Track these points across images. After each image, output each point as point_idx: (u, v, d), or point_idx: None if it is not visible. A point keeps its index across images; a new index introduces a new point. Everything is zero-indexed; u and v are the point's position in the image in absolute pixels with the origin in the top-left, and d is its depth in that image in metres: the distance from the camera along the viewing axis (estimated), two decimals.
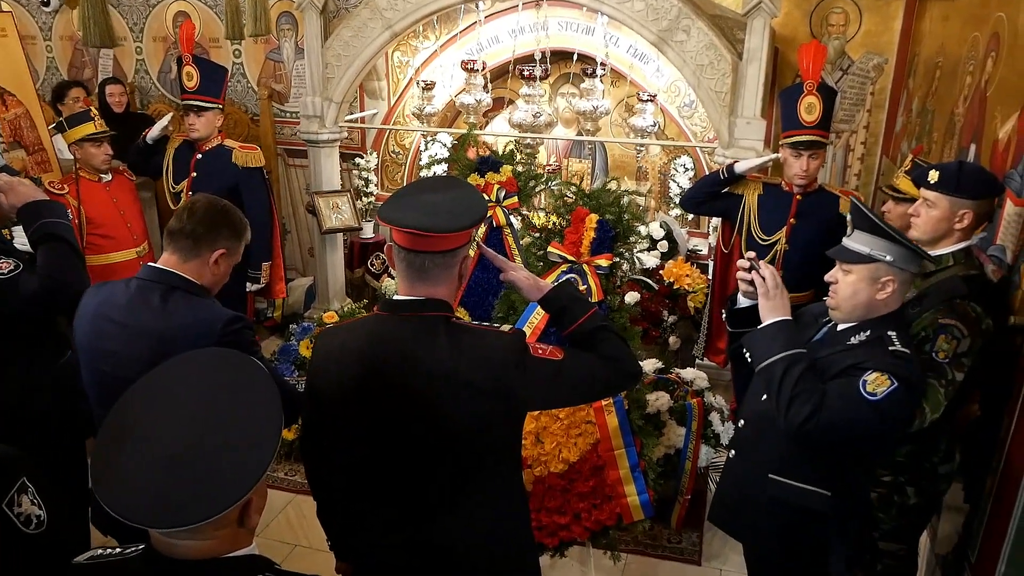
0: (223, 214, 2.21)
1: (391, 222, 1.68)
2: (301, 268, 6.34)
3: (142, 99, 6.29)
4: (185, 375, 1.39)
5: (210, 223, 2.18)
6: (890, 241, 2.08)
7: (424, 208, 1.69)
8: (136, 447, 1.27)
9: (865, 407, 1.99)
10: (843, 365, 2.09)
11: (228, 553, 1.31)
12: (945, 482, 2.64)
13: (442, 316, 1.75)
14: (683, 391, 3.86)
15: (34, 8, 6.32)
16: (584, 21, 5.19)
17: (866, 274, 2.11)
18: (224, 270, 2.24)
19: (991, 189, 2.50)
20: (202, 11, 5.93)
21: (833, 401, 2.02)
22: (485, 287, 3.89)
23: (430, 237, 1.67)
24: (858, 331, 2.17)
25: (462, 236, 1.72)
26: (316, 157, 5.06)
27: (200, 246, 2.16)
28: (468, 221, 1.71)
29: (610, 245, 3.04)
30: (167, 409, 1.31)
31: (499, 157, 3.89)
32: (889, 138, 4.74)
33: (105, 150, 4.29)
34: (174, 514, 1.20)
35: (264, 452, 1.27)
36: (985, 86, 3.11)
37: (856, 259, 2.12)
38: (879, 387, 1.99)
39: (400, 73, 5.68)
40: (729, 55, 4.04)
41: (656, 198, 5.64)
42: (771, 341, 2.15)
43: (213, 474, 1.22)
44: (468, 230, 1.72)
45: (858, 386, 2.00)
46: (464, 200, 1.76)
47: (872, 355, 2.07)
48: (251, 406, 1.32)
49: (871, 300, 2.13)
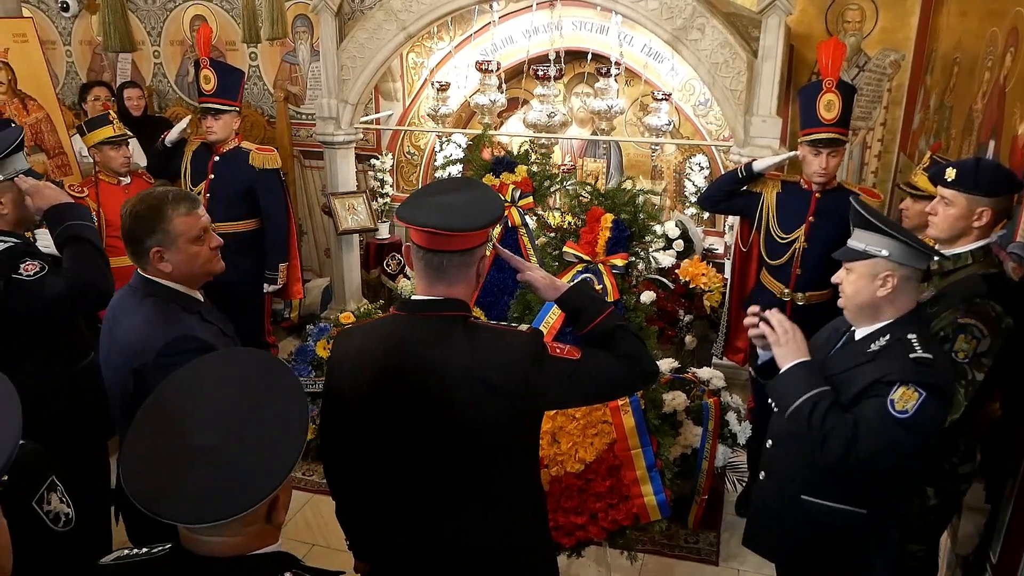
0: (132, 218, 2.16)
1: (409, 222, 1.69)
2: (318, 269, 6.38)
3: (160, 102, 6.35)
4: (216, 373, 1.40)
5: (127, 233, 2.17)
6: (885, 236, 2.07)
7: (441, 208, 1.70)
8: (166, 442, 1.27)
9: (899, 428, 1.95)
10: (867, 381, 2.04)
11: (256, 550, 1.31)
12: (965, 482, 2.62)
13: (460, 315, 1.76)
14: (700, 390, 3.85)
15: (54, 13, 6.39)
16: (598, 20, 5.19)
17: (865, 271, 2.10)
18: (181, 258, 2.16)
19: (1009, 186, 2.47)
20: (218, 14, 5.98)
21: (866, 429, 1.98)
22: (500, 287, 3.90)
23: (448, 236, 1.68)
24: (877, 337, 2.13)
25: (479, 235, 1.73)
26: (332, 158, 5.09)
27: (138, 255, 2.17)
28: (485, 220, 1.72)
29: (626, 244, 3.04)
30: (197, 405, 1.32)
31: (514, 157, 3.89)
32: (907, 135, 4.70)
33: (124, 153, 4.33)
34: (204, 509, 1.20)
35: (292, 449, 1.28)
36: (1004, 82, 3.09)
37: (855, 256, 2.13)
38: (908, 403, 1.96)
39: (415, 74, 5.70)
40: (744, 53, 4.02)
41: (671, 197, 5.63)
42: (793, 386, 2.12)
43: (243, 470, 1.23)
44: (485, 229, 1.74)
45: (887, 407, 1.96)
46: (481, 200, 1.77)
47: (895, 365, 2.02)
48: (279, 404, 1.33)
49: (874, 297, 2.11)
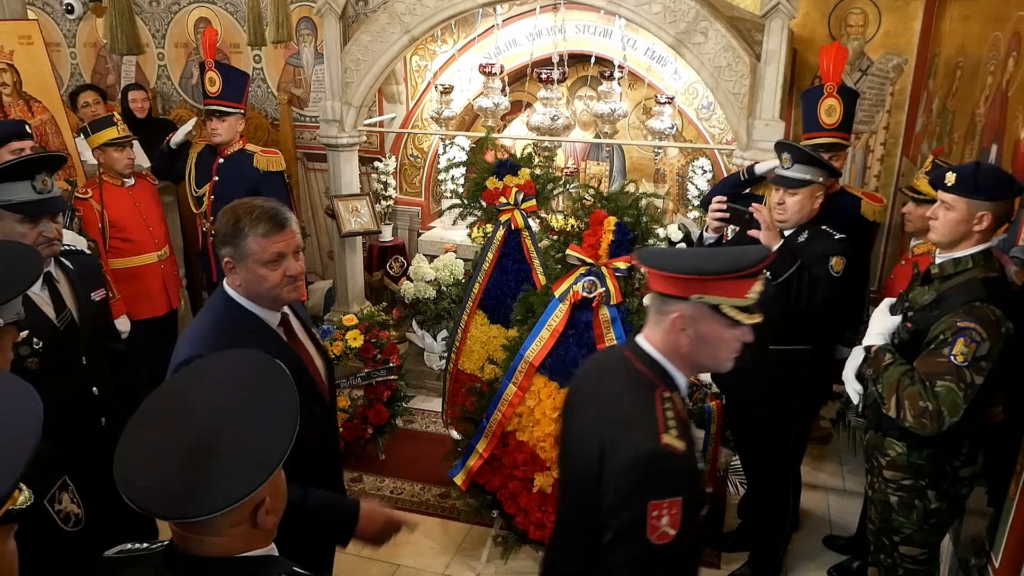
0: (220, 221, 2.12)
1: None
2: (321, 271, 6.39)
3: (164, 104, 6.37)
4: (212, 374, 1.41)
5: (216, 231, 2.17)
6: (818, 167, 3.03)
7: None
8: (154, 438, 1.29)
9: (836, 283, 2.97)
10: (813, 257, 2.98)
11: (242, 553, 1.32)
12: (967, 485, 2.62)
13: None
14: (702, 394, 3.85)
15: (58, 15, 6.42)
16: (602, 24, 5.20)
17: (807, 192, 3.04)
18: (248, 276, 2.06)
19: (1009, 190, 2.47)
20: (223, 17, 6.00)
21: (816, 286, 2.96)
22: (503, 290, 3.91)
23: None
24: (801, 232, 3.09)
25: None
26: (335, 161, 5.10)
27: (217, 258, 2.18)
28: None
29: (628, 247, 3.04)
30: (189, 404, 1.34)
31: (517, 160, 3.91)
32: (909, 139, 4.71)
33: (128, 154, 4.35)
34: (183, 505, 1.21)
35: (273, 452, 1.27)
36: (1007, 86, 3.09)
37: (801, 184, 3.03)
38: (839, 267, 2.95)
39: (418, 77, 5.71)
40: (747, 57, 4.03)
41: (674, 200, 5.64)
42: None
43: (224, 468, 1.23)
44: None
45: (829, 271, 2.94)
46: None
47: (825, 244, 3.00)
48: (268, 405, 1.34)
49: (812, 209, 3.08)
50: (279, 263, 2.06)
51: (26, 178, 2.53)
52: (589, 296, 3.01)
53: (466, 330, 3.99)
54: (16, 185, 2.52)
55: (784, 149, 3.09)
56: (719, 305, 1.69)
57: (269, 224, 2.04)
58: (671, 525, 1.61)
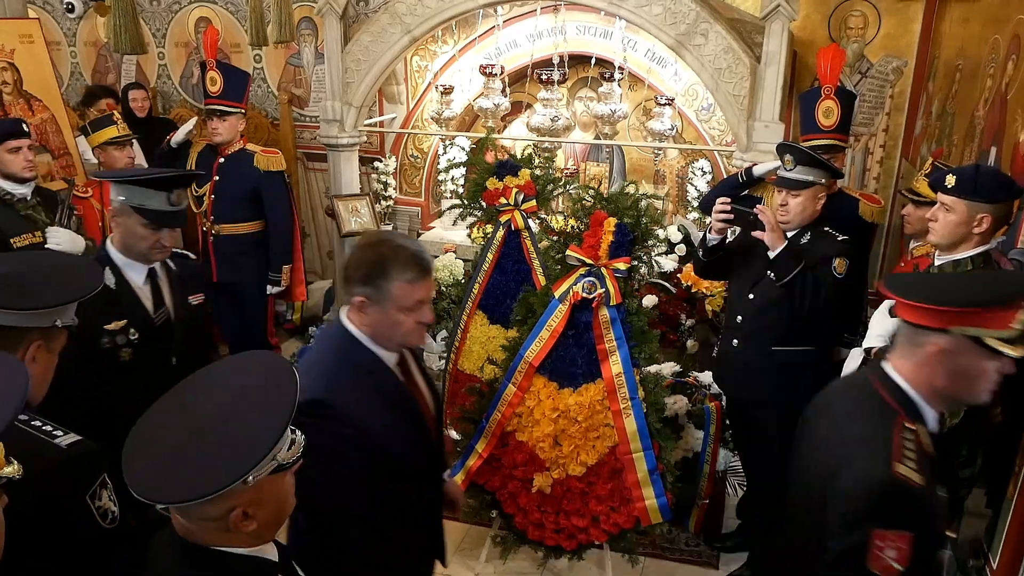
0: (357, 257, 2.03)
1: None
2: (320, 271, 6.39)
3: (164, 104, 6.37)
4: (224, 375, 1.45)
5: (346, 267, 2.06)
6: (820, 168, 3.04)
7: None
8: (154, 432, 1.35)
9: (839, 283, 2.98)
10: (816, 258, 3.00)
11: (220, 546, 1.35)
12: (966, 487, 2.62)
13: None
14: (701, 394, 3.86)
15: (59, 14, 6.42)
16: (602, 25, 5.20)
17: (810, 194, 3.06)
18: (382, 319, 2.00)
19: (1009, 192, 2.48)
20: (223, 17, 6.01)
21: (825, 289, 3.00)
22: (503, 290, 3.92)
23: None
24: (803, 233, 3.11)
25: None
26: (335, 161, 5.10)
27: (346, 292, 2.07)
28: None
29: (628, 248, 3.05)
30: (191, 402, 1.38)
31: (517, 161, 3.91)
32: (909, 141, 4.71)
33: (128, 153, 4.35)
34: (162, 491, 1.27)
35: (239, 465, 1.27)
36: (1006, 89, 3.10)
37: (803, 185, 3.04)
38: (842, 268, 2.97)
39: (419, 77, 5.72)
40: (747, 59, 4.04)
41: (674, 201, 5.64)
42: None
43: (201, 461, 1.27)
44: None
45: (832, 272, 2.97)
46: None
47: (828, 245, 3.03)
48: (256, 415, 1.34)
49: (814, 211, 3.10)
50: (417, 309, 2.00)
51: (164, 189, 2.59)
52: (589, 297, 3.01)
53: (466, 330, 4.00)
54: (153, 193, 2.58)
55: (787, 151, 3.09)
56: (981, 337, 1.62)
57: (416, 270, 1.96)
58: (899, 560, 1.55)
